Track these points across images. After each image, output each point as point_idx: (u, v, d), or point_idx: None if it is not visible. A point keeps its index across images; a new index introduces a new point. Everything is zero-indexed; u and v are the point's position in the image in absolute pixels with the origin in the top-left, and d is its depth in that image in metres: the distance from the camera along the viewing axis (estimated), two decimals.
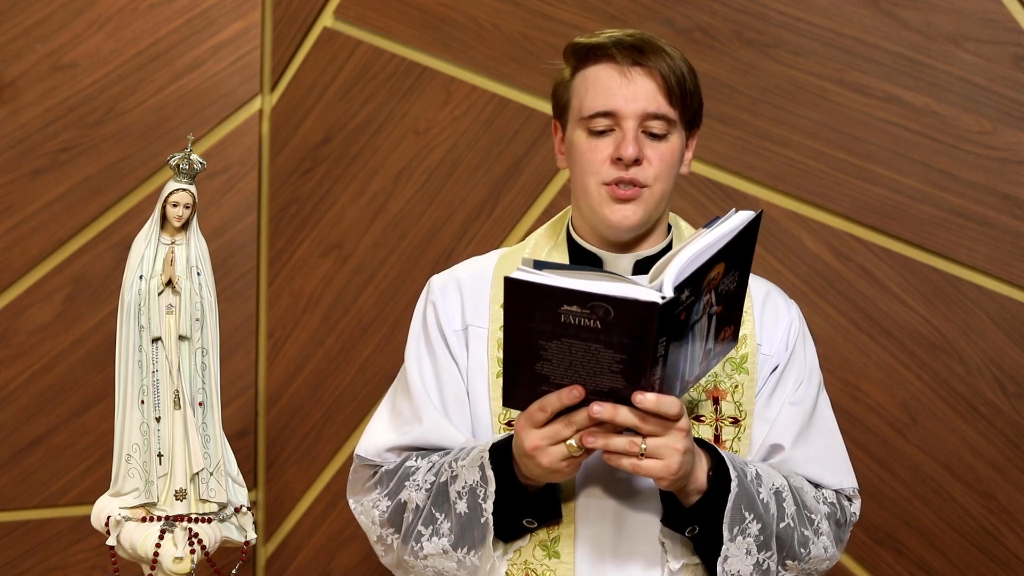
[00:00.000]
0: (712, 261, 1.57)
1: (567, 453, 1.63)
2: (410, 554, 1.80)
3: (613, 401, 1.58)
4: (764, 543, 1.73)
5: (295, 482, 2.96)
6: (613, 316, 1.51)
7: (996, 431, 2.61)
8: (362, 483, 1.90)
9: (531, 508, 1.75)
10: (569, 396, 1.59)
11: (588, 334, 1.53)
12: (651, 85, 1.80)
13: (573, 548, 1.78)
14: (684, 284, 1.53)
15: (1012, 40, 2.61)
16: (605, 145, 1.81)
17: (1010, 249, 2.60)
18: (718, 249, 1.58)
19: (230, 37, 2.94)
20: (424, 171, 2.90)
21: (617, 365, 1.54)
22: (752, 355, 1.86)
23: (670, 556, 1.77)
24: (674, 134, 1.83)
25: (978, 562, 2.63)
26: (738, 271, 1.65)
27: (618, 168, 1.80)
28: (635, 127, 1.80)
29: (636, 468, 1.61)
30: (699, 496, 1.71)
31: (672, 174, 1.84)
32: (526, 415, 1.63)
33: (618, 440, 1.61)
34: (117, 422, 2.02)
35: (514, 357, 1.59)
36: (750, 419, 1.85)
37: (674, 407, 1.59)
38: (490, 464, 1.72)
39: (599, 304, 1.51)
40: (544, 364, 1.57)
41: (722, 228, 1.61)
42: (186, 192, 2.02)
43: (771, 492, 1.75)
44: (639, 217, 1.82)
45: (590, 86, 1.83)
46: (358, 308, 2.93)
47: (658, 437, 1.60)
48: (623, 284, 1.53)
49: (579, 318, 1.52)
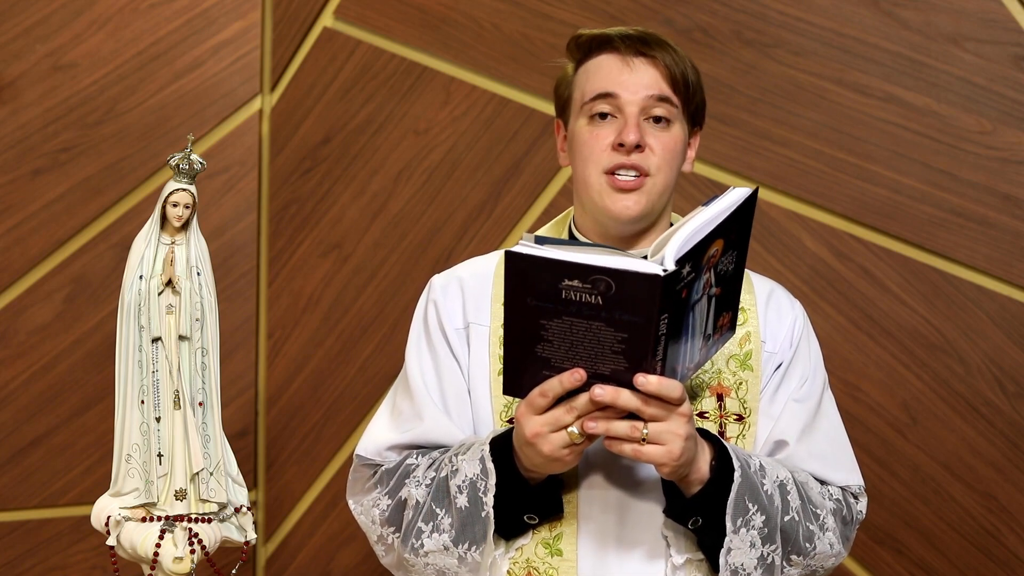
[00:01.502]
0: (711, 236, 1.57)
1: (568, 440, 1.61)
2: (411, 552, 1.78)
3: (615, 385, 1.58)
4: (768, 536, 1.71)
5: (295, 482, 2.96)
6: (615, 290, 1.50)
7: (996, 431, 2.61)
8: (362, 483, 1.89)
9: (532, 503, 1.74)
10: (571, 379, 1.57)
11: (590, 311, 1.52)
12: (654, 72, 1.80)
13: (576, 545, 1.76)
14: (685, 258, 1.53)
15: (1012, 40, 2.61)
16: (606, 132, 1.80)
17: (1010, 249, 2.60)
18: (717, 224, 1.58)
19: (230, 37, 2.94)
20: (424, 171, 2.90)
21: (619, 345, 1.54)
22: (756, 352, 1.85)
23: (673, 550, 1.76)
24: (676, 124, 1.82)
25: (978, 562, 2.63)
26: (736, 251, 1.65)
27: (620, 154, 1.79)
28: (637, 112, 1.79)
29: (638, 454, 1.60)
30: (701, 486, 1.69)
31: (674, 165, 1.83)
32: (527, 402, 1.62)
33: (619, 425, 1.59)
34: (117, 422, 2.02)
35: (515, 340, 1.58)
36: (754, 416, 1.83)
37: (676, 390, 1.58)
38: (490, 456, 1.71)
39: (601, 278, 1.50)
40: (545, 345, 1.56)
41: (720, 204, 1.61)
42: (186, 192, 2.02)
43: (775, 484, 1.74)
44: (641, 207, 1.81)
45: (591, 74, 1.83)
46: (358, 308, 2.94)
47: (660, 422, 1.59)
48: (625, 257, 1.52)
49: (580, 294, 1.51)
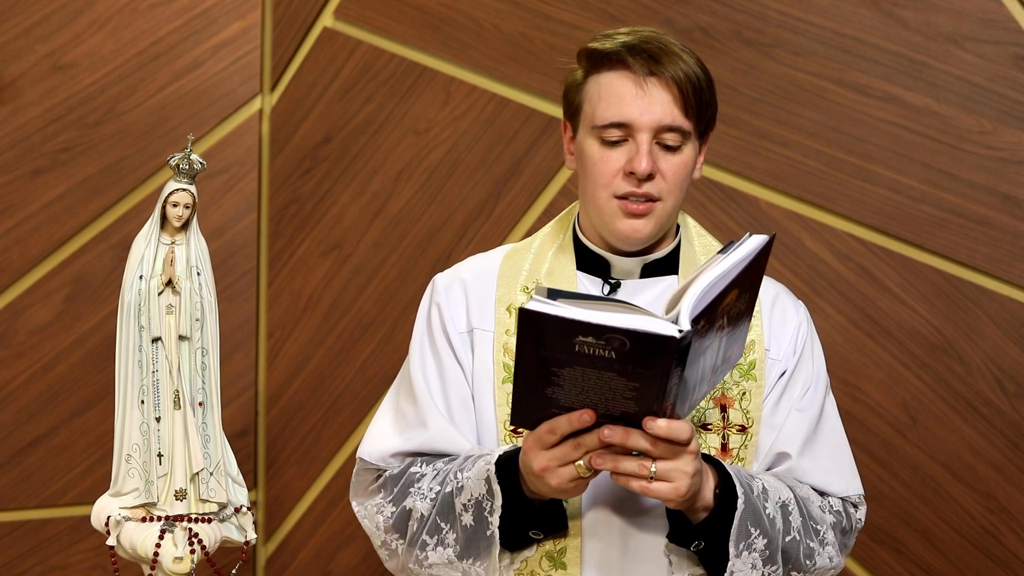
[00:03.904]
0: (727, 290, 1.57)
1: (576, 474, 1.61)
2: (415, 562, 1.79)
3: (623, 424, 1.57)
4: (770, 558, 1.72)
5: (295, 482, 2.96)
6: (629, 348, 1.49)
7: (996, 431, 2.61)
8: (365, 486, 1.89)
9: (537, 520, 1.74)
10: (579, 420, 1.57)
11: (603, 363, 1.51)
12: (667, 97, 1.77)
13: (580, 559, 1.76)
14: (700, 316, 1.52)
15: (1012, 40, 2.61)
16: (617, 157, 1.78)
17: (1010, 249, 2.60)
18: (732, 278, 1.57)
19: (230, 37, 2.94)
20: (424, 171, 2.90)
21: (630, 392, 1.54)
22: (760, 361, 1.84)
23: (676, 570, 1.77)
24: (688, 145, 1.80)
25: (978, 562, 2.63)
26: (749, 292, 1.65)
27: (630, 182, 1.77)
28: (649, 140, 1.76)
29: (645, 490, 1.60)
30: (706, 514, 1.70)
31: (685, 186, 1.81)
32: (535, 436, 1.62)
33: (628, 463, 1.59)
34: (117, 422, 2.02)
35: (525, 380, 1.57)
36: (757, 426, 1.83)
37: (685, 432, 1.58)
38: (496, 479, 1.70)
39: (615, 336, 1.49)
40: (556, 389, 1.56)
41: (737, 255, 1.60)
42: (186, 192, 2.02)
43: (777, 506, 1.74)
44: (650, 231, 1.80)
45: (603, 94, 1.79)
46: (358, 308, 2.93)
47: (668, 461, 1.59)
48: (639, 316, 1.51)
49: (594, 348, 1.50)
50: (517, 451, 1.69)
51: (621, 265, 1.86)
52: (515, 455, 1.70)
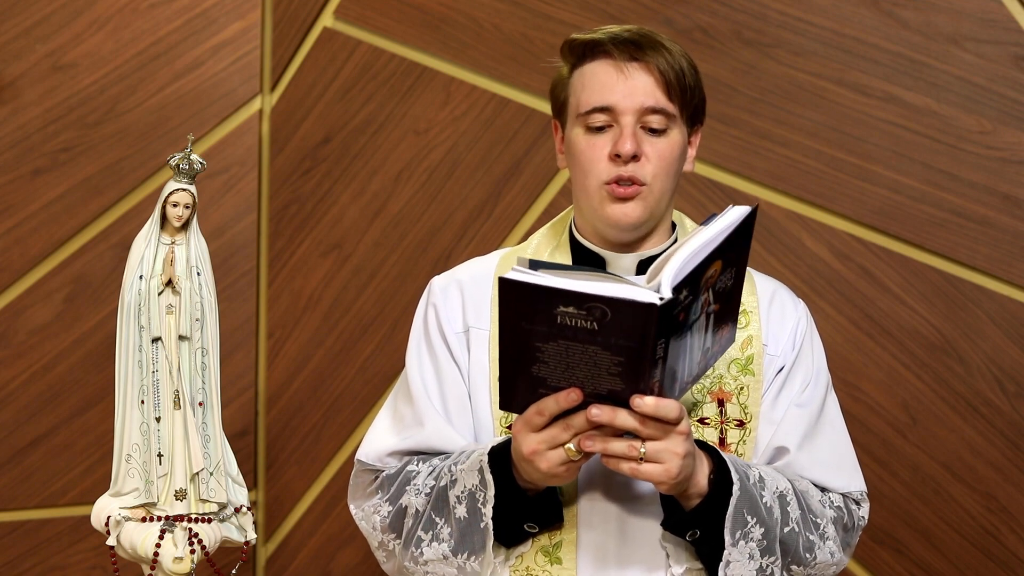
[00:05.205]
0: (709, 259, 1.55)
1: (566, 457, 1.60)
2: (410, 560, 1.78)
3: (612, 404, 1.56)
4: (767, 548, 1.71)
5: (295, 482, 2.96)
6: (611, 318, 1.48)
7: (996, 431, 2.61)
8: (363, 488, 1.89)
9: (532, 512, 1.73)
10: (567, 399, 1.56)
11: (585, 336, 1.50)
12: (648, 80, 1.78)
13: (575, 553, 1.76)
14: (682, 284, 1.51)
15: (1012, 40, 2.61)
16: (603, 142, 1.78)
17: (1010, 249, 2.60)
18: (714, 247, 1.56)
19: (230, 37, 2.94)
20: (424, 171, 2.90)
21: (615, 367, 1.52)
22: (758, 356, 1.84)
23: (672, 561, 1.75)
24: (674, 129, 1.80)
25: (978, 562, 2.63)
26: (734, 267, 1.63)
27: (616, 165, 1.77)
28: (633, 122, 1.77)
29: (635, 472, 1.59)
30: (700, 500, 1.68)
31: (672, 171, 1.81)
32: (523, 419, 1.61)
33: (617, 444, 1.58)
34: (117, 422, 2.02)
35: (510, 360, 1.57)
36: (755, 421, 1.82)
37: (673, 411, 1.57)
38: (489, 468, 1.70)
39: (596, 305, 1.48)
40: (541, 366, 1.55)
41: (718, 225, 1.59)
42: (186, 192, 2.02)
43: (775, 496, 1.73)
44: (639, 215, 1.79)
45: (587, 82, 1.80)
46: (358, 308, 2.94)
47: (657, 441, 1.58)
48: (620, 285, 1.50)
49: (576, 319, 1.49)
50: (510, 441, 1.68)
51: (617, 262, 1.85)
52: (508, 445, 1.69)
